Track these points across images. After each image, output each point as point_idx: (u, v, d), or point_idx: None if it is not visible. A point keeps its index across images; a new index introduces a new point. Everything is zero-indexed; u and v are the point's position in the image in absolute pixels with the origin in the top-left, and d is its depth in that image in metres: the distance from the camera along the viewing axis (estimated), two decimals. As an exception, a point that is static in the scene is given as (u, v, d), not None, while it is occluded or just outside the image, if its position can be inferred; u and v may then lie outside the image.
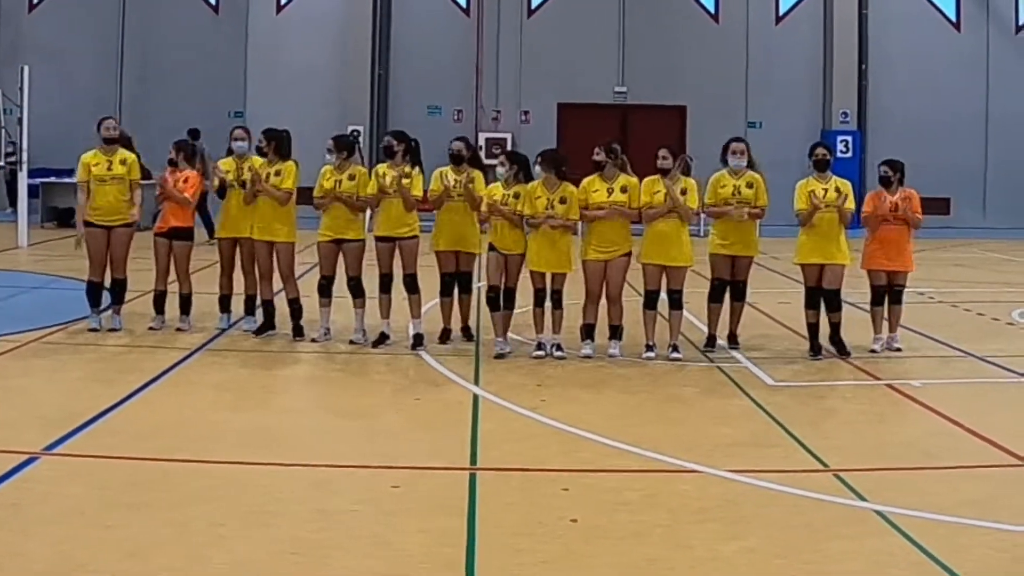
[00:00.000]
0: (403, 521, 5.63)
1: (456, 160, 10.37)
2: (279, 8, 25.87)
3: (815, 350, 10.15)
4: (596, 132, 25.35)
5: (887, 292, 10.62)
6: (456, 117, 25.80)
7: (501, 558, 5.18)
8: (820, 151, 10.64)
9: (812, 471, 6.68)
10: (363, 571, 4.97)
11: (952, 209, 26.01)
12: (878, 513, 5.84)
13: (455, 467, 6.70)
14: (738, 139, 10.91)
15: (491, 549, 5.27)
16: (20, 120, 18.75)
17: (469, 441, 7.25)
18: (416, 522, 5.61)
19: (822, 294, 10.22)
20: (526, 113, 25.78)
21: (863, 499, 6.08)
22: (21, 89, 18.59)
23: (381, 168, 10.27)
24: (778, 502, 6.10)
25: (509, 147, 24.26)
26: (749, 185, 10.42)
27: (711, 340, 10.45)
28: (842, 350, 10.18)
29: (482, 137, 24.90)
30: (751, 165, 10.60)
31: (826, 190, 10.28)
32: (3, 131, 19.37)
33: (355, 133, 23.66)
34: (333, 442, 7.24)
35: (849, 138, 25.22)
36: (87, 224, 10.70)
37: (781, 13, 26.08)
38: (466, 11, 25.92)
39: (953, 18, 26.10)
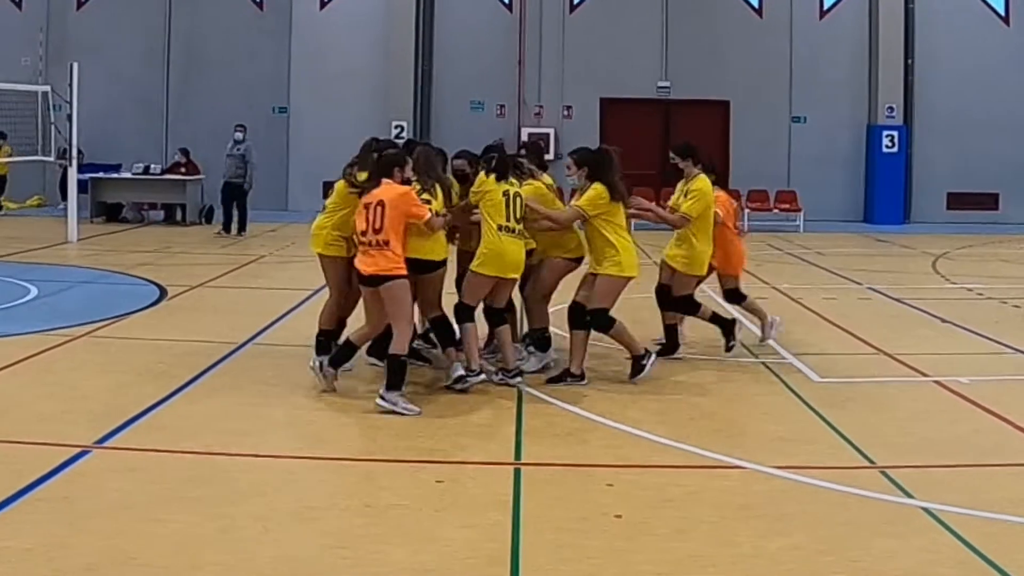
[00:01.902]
0: (449, 516, 5.66)
1: (460, 179, 9.21)
2: (323, 4, 26.00)
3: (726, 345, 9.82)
4: (639, 127, 25.66)
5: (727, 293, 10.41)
6: (499, 112, 25.83)
7: (545, 554, 5.19)
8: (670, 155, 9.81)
9: (858, 468, 6.64)
10: (410, 566, 4.99)
11: (1000, 204, 25.76)
12: (925, 510, 5.81)
13: (500, 462, 6.72)
14: (572, 151, 9.17)
15: (535, 545, 5.29)
16: (69, 116, 18.99)
17: (514, 436, 7.27)
18: (462, 517, 5.64)
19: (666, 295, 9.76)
20: (568, 108, 25.76)
21: (910, 496, 6.04)
22: (71, 86, 18.82)
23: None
24: (823, 499, 6.08)
25: (552, 143, 24.32)
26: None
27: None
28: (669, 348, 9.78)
29: (524, 133, 24.93)
30: (598, 177, 8.67)
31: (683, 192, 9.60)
32: (53, 127, 19.59)
33: (399, 128, 23.95)
34: (378, 437, 7.27)
35: (895, 133, 25.02)
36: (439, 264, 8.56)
37: (825, 7, 25.88)
38: (508, 7, 25.92)
39: (1002, 11, 25.78)
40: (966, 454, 7.00)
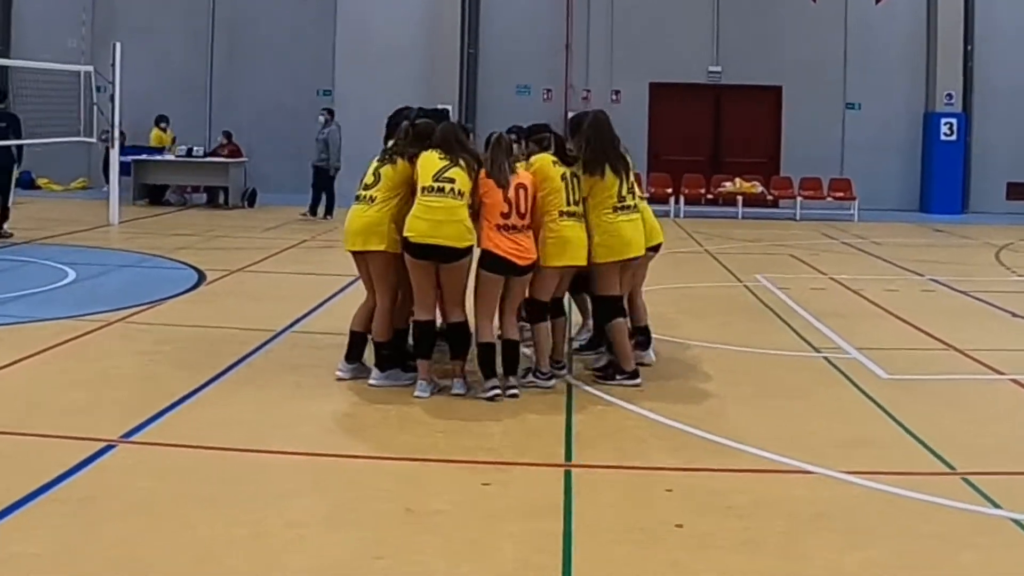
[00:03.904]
0: (495, 523, 5.23)
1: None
2: (368, -14, 25.64)
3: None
4: (689, 113, 25.14)
5: None
6: (545, 97, 25.42)
7: (599, 567, 4.76)
8: None
9: (937, 474, 6.15)
10: (452, 578, 4.59)
11: (1066, 194, 25.08)
12: (1015, 522, 5.33)
13: (549, 463, 6.28)
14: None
15: (588, 556, 4.85)
16: (112, 98, 18.76)
17: (563, 435, 6.83)
18: (508, 524, 5.21)
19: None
20: (617, 93, 25.27)
21: (996, 506, 5.55)
22: (113, 66, 18.59)
23: None
24: (902, 508, 5.59)
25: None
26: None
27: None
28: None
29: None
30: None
31: None
32: (96, 108, 19.36)
33: (445, 111, 23.56)
34: (421, 434, 6.83)
35: (954, 120, 24.34)
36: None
37: (882, -10, 25.22)
38: (556, -12, 25.49)
39: (1066, -5, 25.00)
40: (1052, 460, 6.50)
